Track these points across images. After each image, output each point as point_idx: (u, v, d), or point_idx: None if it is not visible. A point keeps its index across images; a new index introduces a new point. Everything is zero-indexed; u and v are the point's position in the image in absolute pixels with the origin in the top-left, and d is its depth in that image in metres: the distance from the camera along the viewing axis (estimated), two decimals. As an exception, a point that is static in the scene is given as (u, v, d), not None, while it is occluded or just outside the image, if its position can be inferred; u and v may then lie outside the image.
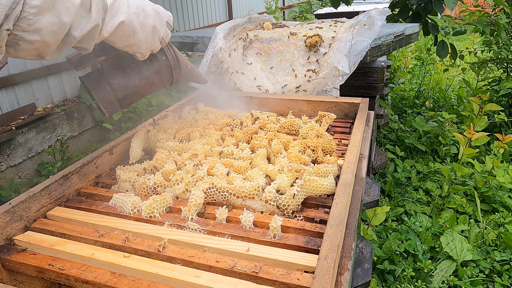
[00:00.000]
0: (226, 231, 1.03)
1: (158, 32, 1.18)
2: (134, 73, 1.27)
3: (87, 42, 0.97)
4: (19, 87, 3.90)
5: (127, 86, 1.26)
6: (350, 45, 1.94)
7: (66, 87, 4.47)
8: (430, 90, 5.22)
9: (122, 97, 1.26)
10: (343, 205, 0.99)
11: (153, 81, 1.30)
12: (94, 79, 1.23)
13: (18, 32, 0.81)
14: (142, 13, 1.09)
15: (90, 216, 1.11)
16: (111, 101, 1.24)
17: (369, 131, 1.66)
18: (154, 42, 1.18)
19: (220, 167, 1.22)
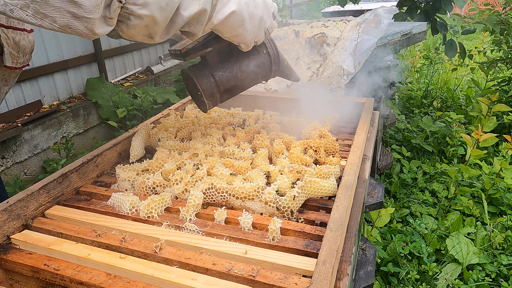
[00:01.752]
0: (224, 232, 1.01)
1: (265, 23, 1.15)
2: (236, 66, 1.27)
3: (195, 26, 0.97)
4: (25, 84, 3.92)
5: (229, 79, 1.26)
6: (355, 44, 1.91)
7: (72, 84, 4.49)
8: (438, 90, 5.15)
9: (224, 90, 1.27)
10: (344, 208, 0.96)
11: (253, 74, 1.30)
12: (198, 70, 1.25)
13: (130, 5, 0.82)
14: (252, 2, 1.07)
15: (88, 216, 1.10)
16: (213, 93, 1.26)
17: (374, 131, 1.63)
18: (260, 33, 1.16)
19: (220, 167, 1.21)
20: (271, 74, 1.35)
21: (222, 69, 1.26)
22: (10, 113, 3.70)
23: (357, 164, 1.19)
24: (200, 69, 1.26)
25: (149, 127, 1.52)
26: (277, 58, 1.32)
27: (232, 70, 1.26)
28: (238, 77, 1.27)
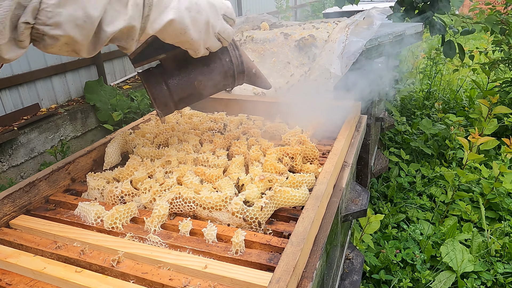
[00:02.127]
0: (188, 245, 0.97)
1: (213, 27, 1.06)
2: (194, 73, 1.19)
3: (126, 41, 0.90)
4: (23, 87, 3.93)
5: (184, 87, 1.19)
6: (343, 46, 1.86)
7: (71, 87, 4.49)
8: (441, 91, 5.06)
9: (179, 99, 1.20)
10: (310, 220, 0.92)
11: (213, 83, 1.22)
12: (152, 76, 1.17)
13: (40, 26, 0.75)
14: (194, 7, 0.99)
15: (52, 226, 1.07)
16: (166, 102, 1.19)
17: (359, 136, 1.58)
18: (209, 39, 1.07)
19: (190, 176, 1.17)
20: (234, 82, 1.27)
21: (178, 76, 1.18)
22: (7, 117, 3.71)
23: (332, 173, 1.14)
24: (154, 75, 1.18)
25: (127, 133, 1.49)
26: (241, 65, 1.23)
27: (189, 78, 1.18)
28: (195, 86, 1.20)
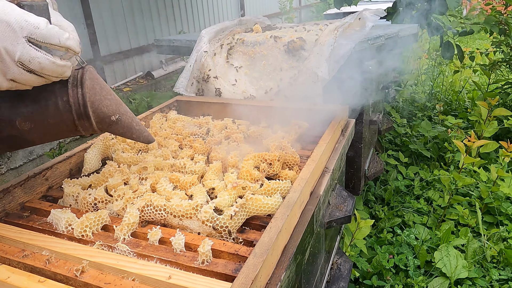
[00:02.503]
0: (155, 254, 0.96)
1: (9, 53, 0.78)
2: (15, 111, 0.92)
3: None
4: (22, 90, 3.96)
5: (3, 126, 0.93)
6: (331, 49, 1.84)
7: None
8: (444, 92, 5.00)
9: None
10: (277, 230, 0.90)
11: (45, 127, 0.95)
12: None
13: None
14: None
15: (23, 234, 1.06)
16: None
17: (344, 141, 1.55)
18: (6, 67, 0.80)
19: (164, 183, 1.15)
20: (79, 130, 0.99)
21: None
22: (6, 120, 3.73)
23: (308, 179, 1.12)
24: None
25: (108, 138, 1.48)
26: (83, 108, 0.94)
27: (10, 115, 0.92)
28: (18, 127, 0.93)
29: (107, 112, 0.98)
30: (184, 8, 6.59)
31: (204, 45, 2.29)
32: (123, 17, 5.17)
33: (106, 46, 4.95)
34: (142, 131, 1.06)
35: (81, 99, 0.93)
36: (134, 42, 5.40)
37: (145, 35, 5.56)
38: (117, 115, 1.00)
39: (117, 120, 1.00)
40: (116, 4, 5.03)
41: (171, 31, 6.22)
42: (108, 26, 4.93)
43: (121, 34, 5.17)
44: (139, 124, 1.06)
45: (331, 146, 1.44)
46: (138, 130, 1.05)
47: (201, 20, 7.20)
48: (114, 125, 1.00)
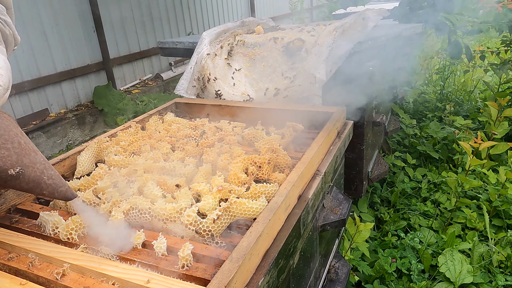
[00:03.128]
0: (137, 257, 0.96)
1: None
2: None
3: None
4: (32, 93, 4.04)
5: None
6: (329, 50, 1.81)
7: (80, 92, 4.59)
8: (455, 92, 4.89)
9: None
10: (257, 234, 0.88)
11: None
12: None
13: None
14: None
15: (11, 236, 1.07)
16: None
17: (339, 143, 1.53)
18: None
19: (151, 186, 1.15)
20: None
21: None
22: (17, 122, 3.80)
23: (296, 183, 1.10)
24: None
25: (102, 140, 1.49)
26: None
27: None
28: None
29: (2, 165, 0.84)
30: (193, 10, 6.62)
31: (204, 47, 2.29)
32: (132, 20, 5.22)
33: (115, 49, 5.01)
34: (56, 185, 0.90)
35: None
36: (144, 44, 5.45)
37: (154, 37, 5.61)
38: (18, 168, 0.85)
39: (17, 175, 0.85)
40: (126, 7, 5.08)
41: (180, 33, 6.26)
42: (117, 29, 4.98)
43: (131, 37, 5.23)
44: (54, 178, 0.91)
45: (325, 148, 1.41)
46: (50, 185, 0.90)
47: (210, 22, 7.22)
48: (13, 180, 0.86)
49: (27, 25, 3.82)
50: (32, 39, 3.92)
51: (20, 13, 3.69)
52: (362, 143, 2.21)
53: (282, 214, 1.03)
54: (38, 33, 3.98)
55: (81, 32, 4.46)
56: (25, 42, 3.74)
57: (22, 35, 3.49)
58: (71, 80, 4.45)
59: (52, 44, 4.17)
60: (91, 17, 4.55)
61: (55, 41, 4.16)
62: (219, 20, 7.54)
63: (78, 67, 4.51)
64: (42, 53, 4.04)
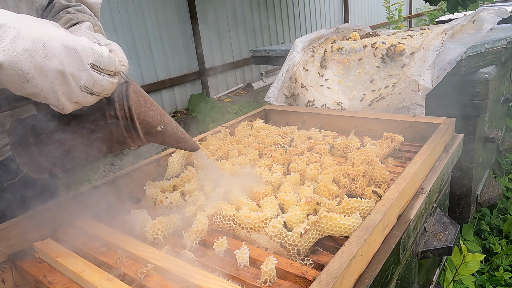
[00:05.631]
0: (219, 266, 0.91)
1: (75, 79, 0.81)
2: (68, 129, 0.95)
3: None
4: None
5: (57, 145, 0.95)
6: (437, 54, 1.62)
7: (177, 100, 4.88)
8: None
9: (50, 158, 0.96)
10: (350, 256, 0.78)
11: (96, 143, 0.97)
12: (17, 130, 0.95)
13: None
14: (41, 51, 0.77)
15: (103, 230, 1.11)
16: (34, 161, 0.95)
17: (447, 158, 1.33)
18: (72, 92, 0.82)
19: (237, 191, 1.11)
20: (127, 142, 0.99)
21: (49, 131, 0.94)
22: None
23: (395, 200, 0.97)
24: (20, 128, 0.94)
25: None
26: (129, 120, 0.95)
27: (61, 134, 0.94)
28: (70, 144, 0.94)
29: (153, 123, 0.99)
30: (286, 21, 6.67)
31: (297, 54, 2.23)
32: (227, 32, 5.43)
33: (210, 59, 5.25)
34: (187, 139, 1.07)
35: (128, 111, 0.95)
36: (237, 55, 5.62)
37: (247, 48, 5.76)
38: (162, 125, 1.01)
39: (163, 130, 1.01)
40: (222, 20, 5.31)
41: (273, 43, 6.34)
42: (213, 42, 5.22)
43: (225, 48, 5.44)
44: (184, 133, 1.08)
45: (429, 163, 1.24)
46: (183, 139, 1.07)
47: (303, 33, 7.21)
48: (160, 135, 1.02)
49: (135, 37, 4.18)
50: (139, 50, 4.27)
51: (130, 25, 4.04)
52: (471, 160, 1.94)
53: (379, 234, 0.90)
54: (144, 44, 4.33)
55: (181, 44, 4.76)
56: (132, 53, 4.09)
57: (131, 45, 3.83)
58: (170, 88, 4.76)
59: (156, 55, 4.51)
60: (190, 30, 4.83)
61: (158, 53, 4.50)
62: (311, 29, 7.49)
63: (176, 76, 4.81)
64: (146, 63, 4.38)
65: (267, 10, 6.14)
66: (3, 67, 0.73)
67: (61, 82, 0.80)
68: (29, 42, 0.75)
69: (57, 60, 0.78)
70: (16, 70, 0.74)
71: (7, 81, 0.76)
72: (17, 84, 0.77)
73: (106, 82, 0.85)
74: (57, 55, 0.78)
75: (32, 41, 0.75)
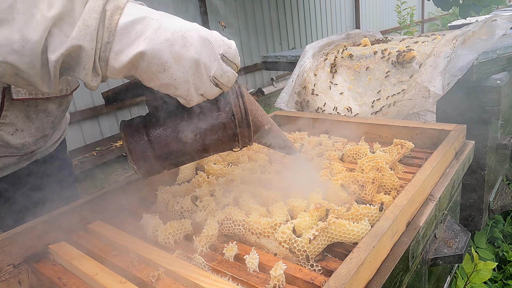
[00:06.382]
0: (228, 271, 0.93)
1: (207, 68, 0.84)
2: (181, 125, 0.95)
3: (79, 71, 0.75)
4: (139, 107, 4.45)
5: (169, 141, 0.96)
6: (447, 61, 1.62)
7: (189, 105, 4.93)
8: None
9: (162, 154, 0.96)
10: (358, 262, 0.78)
11: (209, 140, 0.97)
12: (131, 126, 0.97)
13: None
14: (179, 40, 0.79)
15: (117, 234, 1.13)
16: (145, 156, 0.96)
17: (457, 165, 1.33)
18: (201, 82, 0.85)
19: (247, 197, 1.13)
20: (237, 139, 0.99)
21: (163, 127, 0.95)
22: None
23: (405, 207, 0.97)
24: (134, 124, 0.96)
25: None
26: (244, 117, 0.96)
27: (175, 131, 0.95)
28: (184, 141, 0.95)
29: (262, 121, 1.03)
30: (297, 27, 6.69)
31: (307, 60, 2.25)
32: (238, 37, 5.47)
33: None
34: (288, 141, 1.12)
35: (243, 107, 0.96)
36: (248, 60, 5.66)
37: (258, 53, 5.79)
38: (269, 125, 1.05)
39: (269, 130, 1.05)
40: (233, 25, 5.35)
41: (283, 49, 6.37)
42: (224, 46, 5.27)
43: (236, 53, 5.48)
44: (284, 135, 1.12)
45: (440, 170, 1.24)
46: (285, 140, 1.11)
47: (314, 39, 7.22)
48: (266, 135, 1.06)
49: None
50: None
51: None
52: (483, 167, 1.93)
53: (388, 241, 0.91)
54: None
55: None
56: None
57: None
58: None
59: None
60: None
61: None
62: (322, 35, 7.50)
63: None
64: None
65: (278, 16, 6.17)
66: (145, 56, 0.76)
67: (194, 71, 0.83)
68: (170, 33, 0.78)
69: (194, 49, 0.81)
70: (156, 59, 0.77)
71: (146, 70, 0.79)
72: (153, 74, 0.80)
73: (231, 73, 0.88)
74: (194, 45, 0.81)
75: (172, 32, 0.79)
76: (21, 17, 0.67)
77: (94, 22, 0.72)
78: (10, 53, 0.68)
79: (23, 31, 0.67)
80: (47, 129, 1.29)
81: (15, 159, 1.27)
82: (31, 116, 1.21)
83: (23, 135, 1.21)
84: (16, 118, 1.17)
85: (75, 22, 0.71)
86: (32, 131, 1.23)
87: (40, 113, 1.23)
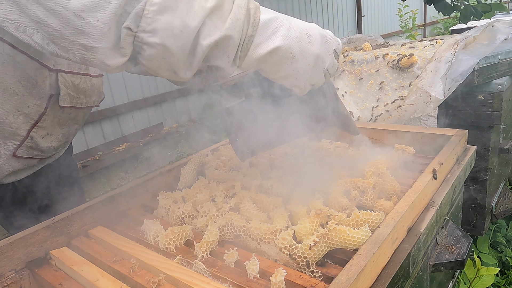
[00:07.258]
0: (229, 277, 0.93)
1: (323, 62, 0.96)
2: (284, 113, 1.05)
3: (221, 59, 0.84)
4: (151, 108, 4.47)
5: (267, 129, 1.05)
6: (448, 66, 1.62)
7: (191, 108, 4.94)
8: None
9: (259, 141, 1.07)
10: (358, 269, 0.78)
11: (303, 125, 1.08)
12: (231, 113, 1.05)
13: (140, 33, 0.74)
14: (305, 37, 0.91)
15: (118, 240, 1.14)
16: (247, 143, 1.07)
17: (459, 171, 1.33)
18: (317, 74, 0.96)
19: (247, 203, 1.13)
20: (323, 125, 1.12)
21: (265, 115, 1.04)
22: (136, 134, 4.25)
23: (405, 213, 0.97)
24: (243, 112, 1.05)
25: (204, 154, 1.53)
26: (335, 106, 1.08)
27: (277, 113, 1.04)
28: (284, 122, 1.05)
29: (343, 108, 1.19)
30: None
31: (308, 65, 2.25)
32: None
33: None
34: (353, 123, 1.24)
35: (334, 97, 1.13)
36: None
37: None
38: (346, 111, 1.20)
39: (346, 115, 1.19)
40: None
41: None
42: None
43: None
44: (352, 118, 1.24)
45: (441, 176, 1.24)
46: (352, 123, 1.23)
47: (315, 42, 7.22)
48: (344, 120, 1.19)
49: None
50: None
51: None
52: (485, 172, 1.92)
53: (389, 248, 0.90)
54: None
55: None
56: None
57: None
58: (184, 97, 4.82)
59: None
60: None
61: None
62: (324, 40, 7.50)
63: (190, 85, 4.86)
64: (161, 73, 4.46)
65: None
66: (279, 49, 0.87)
67: (313, 64, 0.94)
68: (298, 31, 0.90)
69: (316, 45, 0.93)
70: (287, 53, 0.88)
71: (276, 62, 0.89)
72: (280, 66, 0.90)
73: (337, 65, 1.03)
74: (316, 41, 0.93)
75: (300, 30, 0.90)
76: (183, 6, 0.76)
77: (242, 17, 0.83)
78: (169, 36, 0.75)
79: (184, 18, 0.76)
80: (71, 135, 1.36)
81: (35, 161, 1.29)
82: (62, 122, 1.27)
83: (51, 139, 1.27)
84: (51, 123, 1.23)
85: (224, 15, 0.81)
86: (59, 136, 1.29)
87: (69, 120, 1.29)
